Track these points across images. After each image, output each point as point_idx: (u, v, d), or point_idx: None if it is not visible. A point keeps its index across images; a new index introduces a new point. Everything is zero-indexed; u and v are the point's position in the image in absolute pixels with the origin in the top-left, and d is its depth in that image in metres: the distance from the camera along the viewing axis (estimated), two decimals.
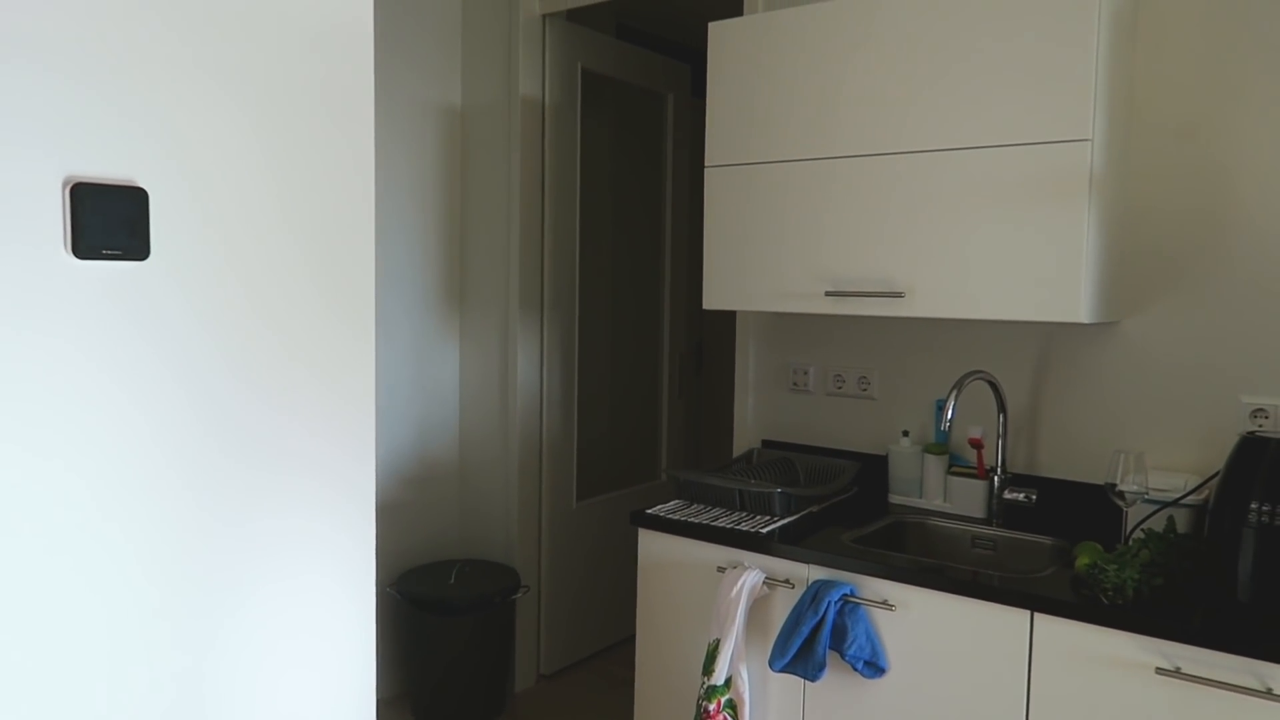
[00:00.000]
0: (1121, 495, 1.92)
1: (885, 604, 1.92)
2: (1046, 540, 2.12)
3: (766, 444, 2.73)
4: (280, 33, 1.38)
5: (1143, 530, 1.89)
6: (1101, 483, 2.20)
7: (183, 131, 1.28)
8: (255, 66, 1.36)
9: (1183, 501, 1.92)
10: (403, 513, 3.17)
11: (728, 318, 4.52)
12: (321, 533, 1.48)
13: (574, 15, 3.36)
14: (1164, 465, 2.13)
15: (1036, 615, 1.75)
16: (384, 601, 3.05)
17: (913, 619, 1.90)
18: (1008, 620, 1.78)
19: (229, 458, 1.35)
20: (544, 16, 3.20)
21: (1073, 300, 1.91)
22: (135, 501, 1.25)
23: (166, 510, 1.29)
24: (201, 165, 1.30)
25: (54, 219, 1.16)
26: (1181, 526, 1.92)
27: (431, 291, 3.22)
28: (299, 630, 1.45)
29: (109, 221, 1.21)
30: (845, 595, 1.94)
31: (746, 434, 2.77)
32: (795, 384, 2.67)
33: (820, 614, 1.92)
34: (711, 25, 2.36)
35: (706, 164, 2.38)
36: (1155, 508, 1.94)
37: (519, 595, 3.07)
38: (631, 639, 3.73)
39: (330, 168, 1.47)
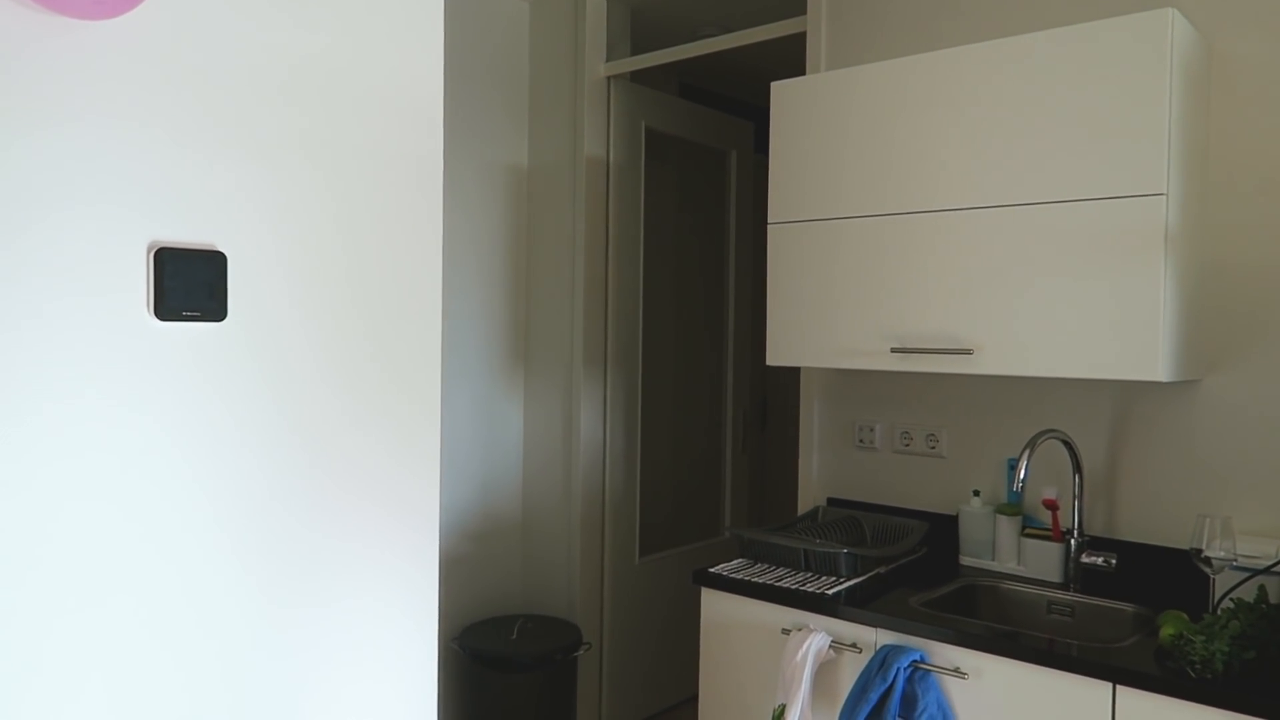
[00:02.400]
0: (1208, 561, 1.84)
1: (957, 672, 1.85)
2: (1128, 608, 2.04)
3: (832, 502, 2.68)
4: (354, 101, 1.43)
5: (1231, 599, 1.80)
6: (1185, 548, 2.11)
7: (261, 197, 1.33)
8: (330, 134, 1.41)
9: (1274, 569, 1.83)
10: (466, 567, 3.18)
11: (792, 374, 4.49)
12: (385, 597, 1.49)
13: (638, 76, 3.43)
14: (1252, 530, 2.04)
15: (1119, 688, 1.68)
16: (446, 657, 3.05)
17: (987, 688, 1.83)
18: (1089, 692, 1.71)
19: (295, 519, 1.37)
20: (609, 78, 3.26)
21: (1150, 358, 1.85)
22: (205, 563, 1.28)
23: (239, 571, 1.31)
24: (279, 230, 1.35)
25: (138, 281, 1.21)
26: (1274, 596, 1.82)
27: (496, 348, 3.27)
28: (363, 687, 1.46)
29: (189, 284, 1.26)
30: (915, 662, 1.88)
31: (811, 492, 2.73)
32: (861, 441, 2.63)
33: (889, 680, 1.86)
34: (774, 85, 2.38)
35: (770, 220, 2.39)
36: (1245, 575, 1.85)
37: (581, 652, 3.04)
38: (693, 699, 3.66)
39: (401, 232, 1.50)
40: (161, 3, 1.21)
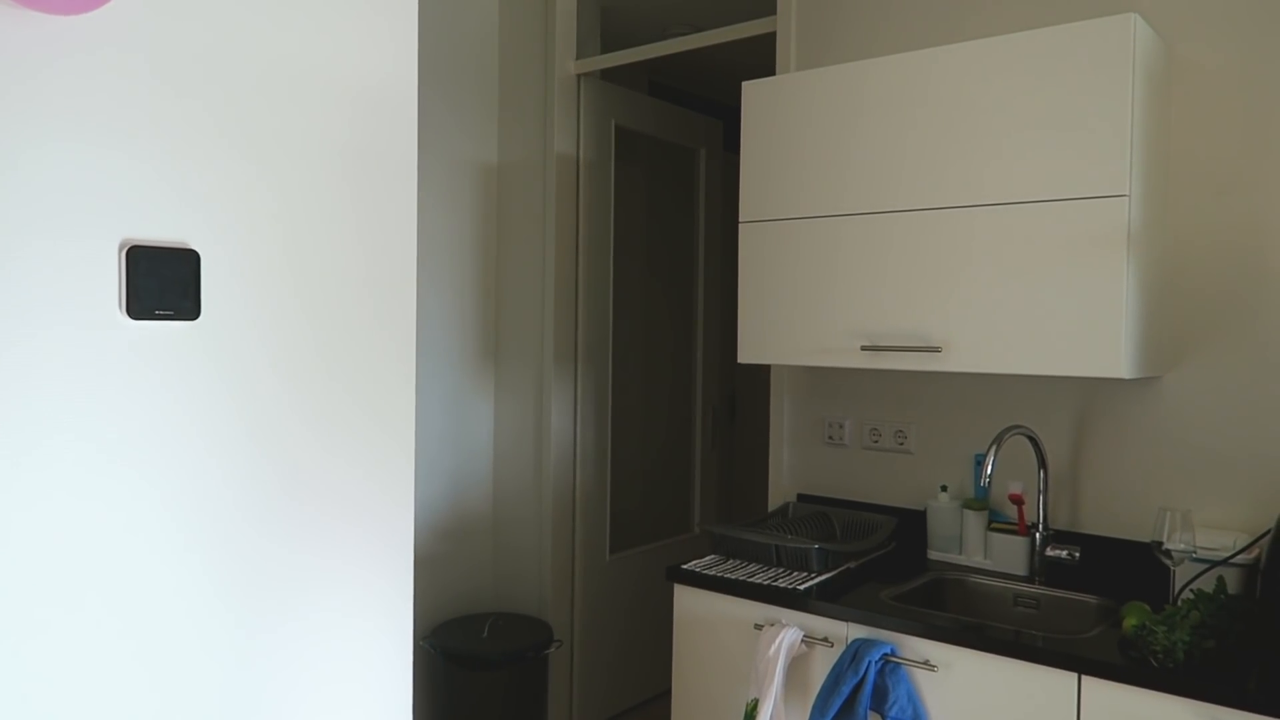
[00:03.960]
0: (1168, 554, 1.89)
1: (927, 664, 1.88)
2: (1091, 599, 2.08)
3: (802, 498, 2.71)
4: (325, 98, 1.43)
5: (1191, 590, 1.85)
6: (1147, 540, 2.16)
7: (236, 195, 1.32)
8: (305, 133, 1.40)
9: (1233, 561, 1.88)
10: (436, 566, 3.17)
11: (761, 370, 4.52)
12: (364, 578, 1.48)
13: (608, 74, 3.43)
14: (1212, 523, 2.09)
15: (1084, 678, 1.71)
16: (417, 655, 3.03)
17: (956, 680, 1.86)
18: (1055, 682, 1.74)
19: (264, 524, 1.37)
20: (579, 76, 3.26)
21: (1113, 355, 1.89)
22: (171, 567, 1.27)
23: (207, 579, 1.30)
24: (251, 227, 1.34)
25: (110, 281, 1.20)
26: (1232, 587, 1.87)
27: (467, 345, 3.26)
28: (339, 672, 1.45)
29: (162, 283, 1.25)
30: (886, 655, 1.91)
31: (782, 487, 2.76)
32: (831, 437, 2.66)
33: (861, 674, 1.89)
34: (745, 84, 2.39)
35: (740, 219, 2.40)
36: (1204, 567, 1.90)
37: (552, 650, 3.04)
38: (665, 694, 3.68)
39: (374, 227, 1.50)
40: None
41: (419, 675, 3.06)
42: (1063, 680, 1.74)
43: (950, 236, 2.07)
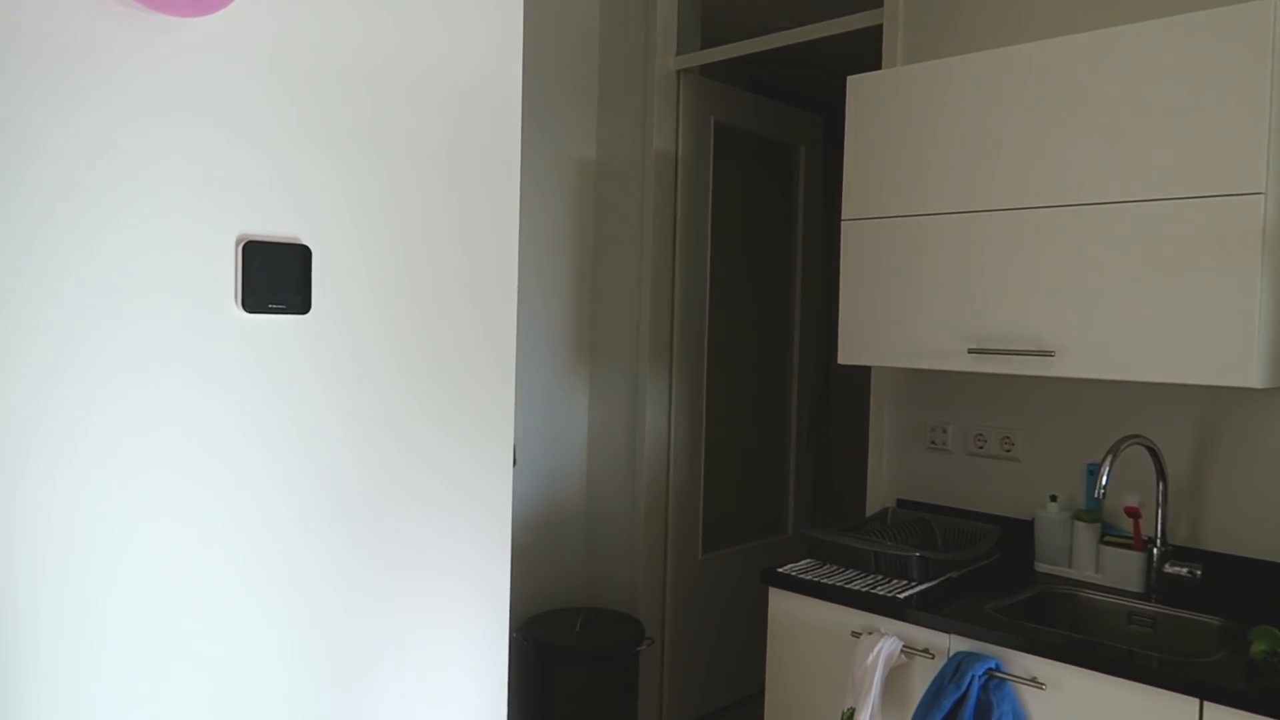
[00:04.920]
0: None
1: (1034, 681, 1.81)
2: (1213, 621, 1.96)
3: (901, 503, 2.63)
4: (433, 97, 1.44)
5: None
6: (1276, 560, 2.03)
7: (346, 192, 1.34)
8: (411, 129, 1.41)
9: None
10: (530, 559, 3.20)
11: (859, 371, 4.43)
12: (467, 560, 1.50)
13: (707, 70, 3.40)
14: None
15: (1206, 704, 1.62)
16: (511, 647, 3.07)
17: (1065, 700, 1.78)
18: (1174, 708, 1.65)
19: (379, 501, 1.39)
20: (678, 72, 3.24)
21: (1244, 363, 1.78)
22: (290, 530, 1.30)
23: (324, 542, 1.33)
24: (362, 225, 1.36)
25: (227, 274, 1.23)
26: None
27: (563, 342, 3.27)
28: (436, 663, 1.47)
29: (275, 277, 1.28)
30: (990, 670, 1.84)
31: (881, 492, 2.69)
32: (933, 442, 2.58)
33: (963, 688, 1.82)
34: (851, 79, 2.34)
35: (843, 217, 2.35)
36: None
37: (643, 647, 3.04)
38: (755, 696, 3.64)
39: (478, 225, 1.51)
40: (250, 1, 1.22)
41: (512, 666, 3.09)
42: (1183, 706, 1.64)
43: (1068, 235, 1.98)
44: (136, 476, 1.16)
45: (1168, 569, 2.07)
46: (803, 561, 2.29)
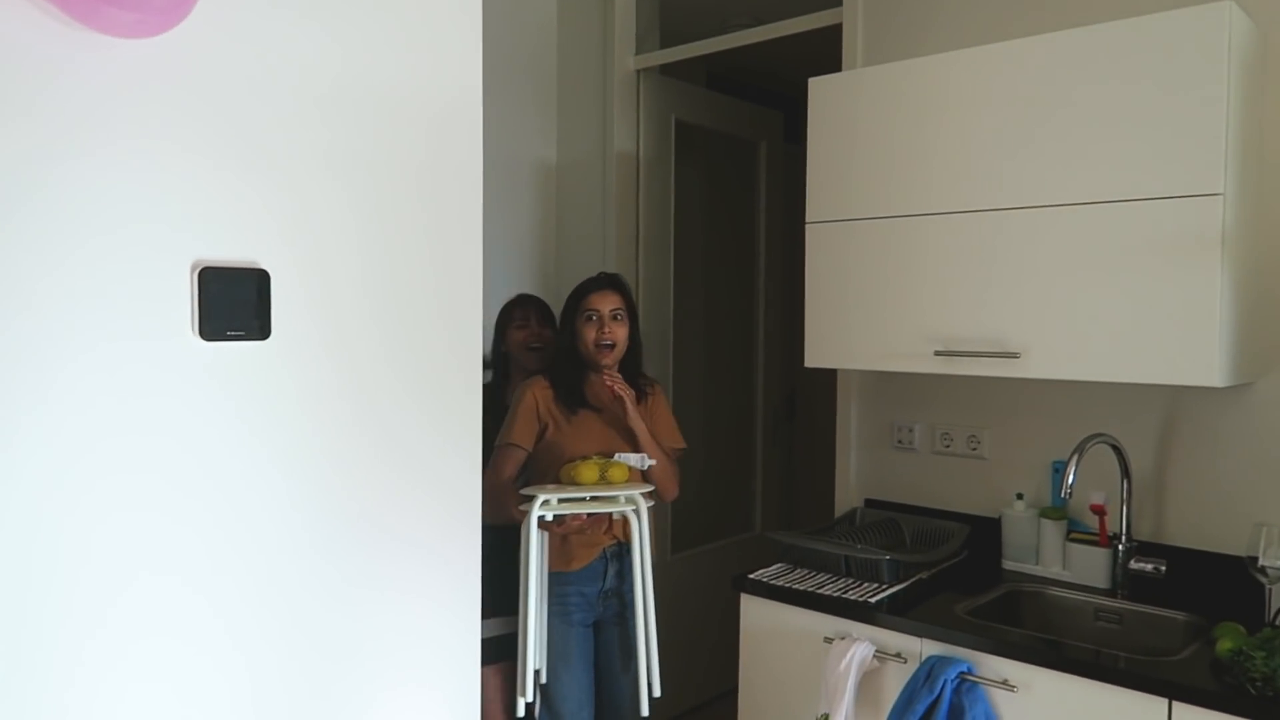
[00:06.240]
0: (1264, 571, 1.80)
1: (1006, 684, 1.82)
2: (1179, 616, 1.99)
3: (870, 503, 2.64)
4: (393, 117, 1.40)
5: None
6: (1239, 555, 2.06)
7: (302, 213, 1.30)
8: (369, 149, 1.38)
9: None
10: None
11: (824, 370, 4.44)
12: (436, 571, 1.47)
13: (667, 69, 3.38)
14: None
15: (1175, 704, 1.64)
16: None
17: (1036, 702, 1.79)
18: (1143, 708, 1.67)
19: (346, 528, 1.36)
20: (638, 72, 3.22)
21: (1207, 363, 1.80)
22: (255, 560, 1.26)
23: (290, 571, 1.29)
24: (320, 245, 1.32)
25: (183, 302, 1.19)
26: None
27: None
28: (409, 658, 1.44)
29: (233, 303, 1.23)
30: (962, 673, 1.85)
31: (849, 493, 2.69)
32: (900, 441, 2.59)
33: (936, 693, 1.83)
34: (812, 81, 2.32)
35: (807, 220, 2.34)
36: None
37: None
38: (726, 694, 3.64)
39: (441, 241, 1.48)
40: (198, 21, 1.18)
41: None
42: (1152, 706, 1.66)
43: (1032, 237, 1.99)
44: (94, 507, 1.11)
45: (1133, 565, 2.10)
46: (774, 566, 2.28)
